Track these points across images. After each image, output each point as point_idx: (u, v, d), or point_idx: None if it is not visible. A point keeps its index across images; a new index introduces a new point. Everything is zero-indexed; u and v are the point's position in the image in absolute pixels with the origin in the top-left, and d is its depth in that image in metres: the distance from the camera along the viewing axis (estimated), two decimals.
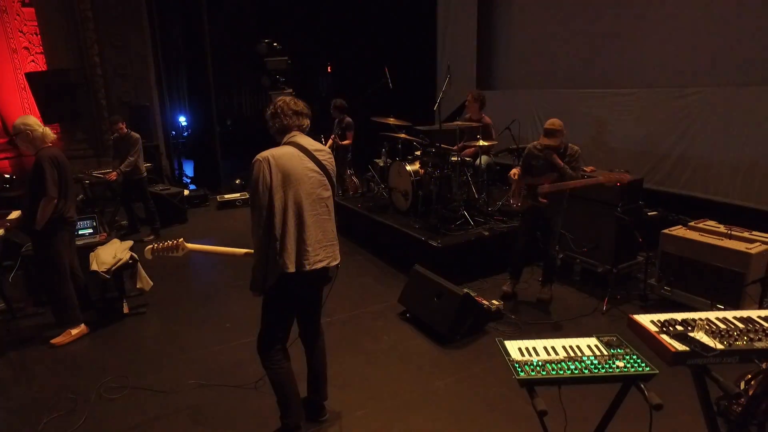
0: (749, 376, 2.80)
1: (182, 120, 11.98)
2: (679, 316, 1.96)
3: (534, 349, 1.91)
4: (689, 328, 1.87)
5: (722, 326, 1.89)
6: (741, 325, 1.90)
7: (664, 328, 1.88)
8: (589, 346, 1.92)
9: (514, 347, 1.92)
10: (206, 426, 2.95)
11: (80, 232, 4.70)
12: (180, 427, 2.96)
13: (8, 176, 7.45)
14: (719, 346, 1.76)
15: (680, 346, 1.76)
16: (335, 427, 2.91)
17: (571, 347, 1.91)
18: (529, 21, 7.72)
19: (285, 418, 2.68)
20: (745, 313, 2.01)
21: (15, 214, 4.22)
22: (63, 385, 3.39)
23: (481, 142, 5.19)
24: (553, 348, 1.91)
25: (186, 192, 8.19)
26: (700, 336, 1.83)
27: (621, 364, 1.80)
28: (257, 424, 2.92)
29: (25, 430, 2.95)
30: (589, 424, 2.14)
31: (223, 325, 4.19)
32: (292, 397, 2.68)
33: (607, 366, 1.78)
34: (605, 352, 1.87)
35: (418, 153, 5.88)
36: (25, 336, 4.12)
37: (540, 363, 1.80)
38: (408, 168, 5.62)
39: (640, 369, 1.77)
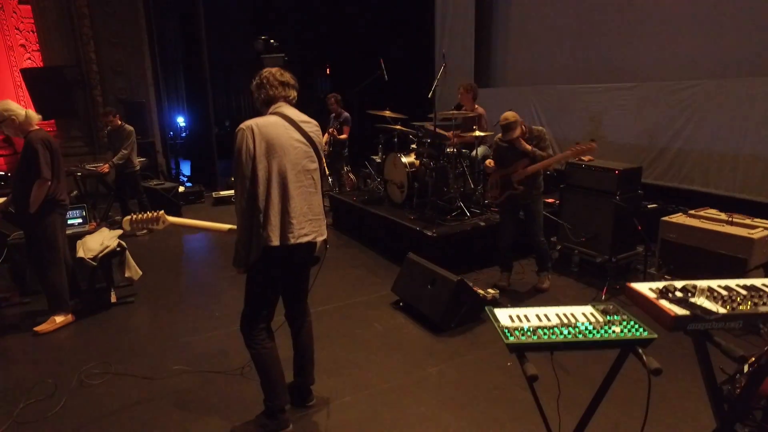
0: (752, 359, 2.69)
1: (180, 121, 11.95)
2: (679, 283, 1.86)
3: (525, 316, 1.80)
4: (689, 294, 1.77)
5: (724, 292, 1.79)
6: (744, 292, 1.80)
7: (663, 294, 1.78)
8: (584, 314, 1.81)
9: (504, 314, 1.81)
10: (189, 411, 2.84)
11: (69, 221, 4.61)
12: (161, 411, 2.85)
13: (2, 173, 7.39)
14: (722, 310, 1.66)
15: (681, 311, 1.66)
16: (322, 412, 2.80)
17: (564, 314, 1.80)
18: (527, 16, 7.67)
19: (269, 401, 2.56)
20: (748, 281, 1.91)
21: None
22: (43, 372, 3.28)
23: (477, 133, 5.11)
24: (545, 315, 1.80)
25: (181, 188, 8.10)
26: (701, 301, 1.73)
27: (618, 329, 1.69)
28: (242, 408, 2.80)
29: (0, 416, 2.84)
30: (585, 394, 2.03)
31: (212, 313, 4.10)
32: (277, 379, 2.56)
33: (602, 331, 1.68)
34: (601, 319, 1.77)
35: (413, 146, 5.81)
36: (9, 325, 4.01)
37: (531, 328, 1.69)
38: (403, 160, 5.54)
39: (638, 334, 1.66)
